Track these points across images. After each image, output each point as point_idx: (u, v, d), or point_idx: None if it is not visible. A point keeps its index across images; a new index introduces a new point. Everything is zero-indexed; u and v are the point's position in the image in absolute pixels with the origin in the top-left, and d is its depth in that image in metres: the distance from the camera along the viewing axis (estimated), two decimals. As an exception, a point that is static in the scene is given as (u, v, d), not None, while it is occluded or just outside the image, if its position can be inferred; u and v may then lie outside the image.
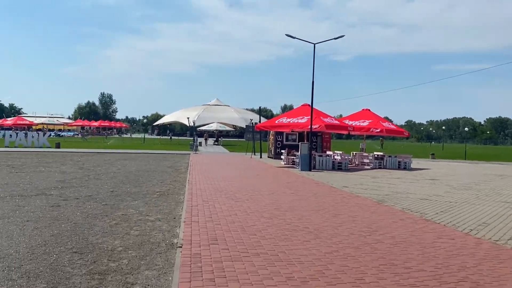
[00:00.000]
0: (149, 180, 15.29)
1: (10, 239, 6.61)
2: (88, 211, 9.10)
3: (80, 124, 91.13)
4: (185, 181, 15.16)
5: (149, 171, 18.69)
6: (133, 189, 12.79)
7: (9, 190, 11.84)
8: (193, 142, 39.61)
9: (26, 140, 36.76)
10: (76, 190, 12.37)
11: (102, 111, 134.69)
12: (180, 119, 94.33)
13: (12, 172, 16.64)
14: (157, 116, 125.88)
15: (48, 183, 13.62)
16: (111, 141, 54.29)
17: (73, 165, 20.96)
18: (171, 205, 10.15)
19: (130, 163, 23.12)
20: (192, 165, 21.66)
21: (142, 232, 7.30)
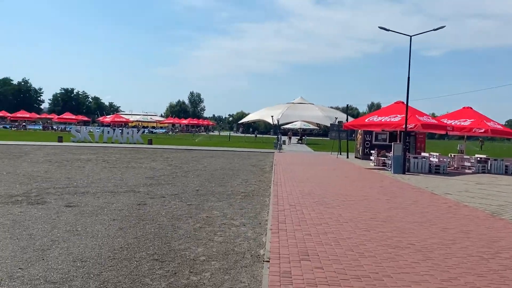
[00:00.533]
0: (234, 179, 14.95)
1: (95, 239, 6.44)
2: (173, 211, 8.83)
3: (171, 121, 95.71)
4: (270, 181, 14.59)
5: (233, 170, 18.45)
6: (218, 189, 12.47)
7: (101, 186, 12.15)
8: (277, 141, 39.19)
9: (122, 136, 38.99)
10: (163, 187, 12.35)
11: (191, 109, 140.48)
12: (264, 117, 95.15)
13: (106, 168, 17.36)
14: (242, 114, 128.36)
15: (138, 180, 13.85)
16: (199, 138, 55.99)
17: (162, 161, 21.50)
18: (256, 208, 9.56)
19: (215, 160, 23.21)
20: (277, 164, 21.09)
21: (226, 239, 6.75)
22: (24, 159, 19.59)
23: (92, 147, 30.43)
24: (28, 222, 7.36)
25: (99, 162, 19.79)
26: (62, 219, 7.71)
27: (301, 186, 13.11)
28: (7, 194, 10.15)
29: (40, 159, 19.92)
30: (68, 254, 5.65)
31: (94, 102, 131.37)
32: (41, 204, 9.08)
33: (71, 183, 12.43)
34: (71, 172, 15.32)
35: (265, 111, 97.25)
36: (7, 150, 24.15)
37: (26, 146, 28.37)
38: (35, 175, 13.88)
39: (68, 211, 8.50)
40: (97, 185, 12.36)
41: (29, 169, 15.64)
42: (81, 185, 12.23)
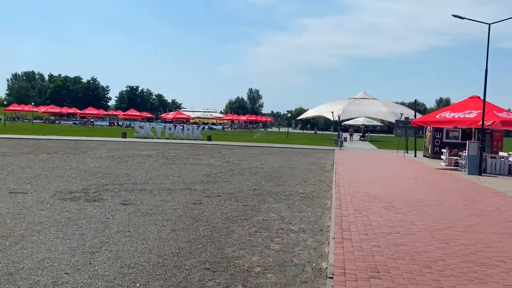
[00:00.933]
0: (292, 178, 14.30)
1: (146, 242, 6.09)
2: (228, 212, 8.36)
3: (229, 118, 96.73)
4: (331, 181, 13.77)
5: (292, 168, 17.80)
6: (275, 188, 11.89)
7: (158, 183, 12.02)
8: (338, 137, 37.95)
9: (183, 132, 39.67)
10: (220, 186, 11.99)
11: (249, 106, 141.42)
12: (324, 113, 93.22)
13: (166, 164, 17.40)
14: (301, 110, 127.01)
15: (195, 177, 13.63)
16: (256, 135, 55.83)
17: (220, 158, 21.33)
18: (316, 212, 8.86)
19: (273, 158, 22.68)
20: (338, 163, 20.13)
21: (284, 247, 6.14)
22: (89, 154, 20.22)
23: (153, 143, 31.11)
24: (82, 221, 7.21)
25: (159, 158, 19.97)
26: (116, 218, 7.50)
27: (366, 187, 12.18)
28: (67, 190, 10.23)
29: (103, 154, 20.48)
30: (116, 258, 5.32)
31: (157, 99, 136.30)
32: (97, 202, 9.00)
33: (130, 180, 12.43)
34: (131, 168, 15.45)
35: (325, 107, 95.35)
36: (74, 146, 25.21)
37: (92, 142, 29.54)
38: (96, 171, 14.11)
39: (123, 209, 8.32)
40: (154, 181, 12.25)
41: (91, 164, 16.00)
42: (139, 181, 12.19)
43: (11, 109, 79.99)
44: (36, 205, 8.35)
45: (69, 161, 16.88)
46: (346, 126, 73.33)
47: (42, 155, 19.01)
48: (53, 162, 16.25)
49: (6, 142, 25.95)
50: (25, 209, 7.91)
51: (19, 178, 11.76)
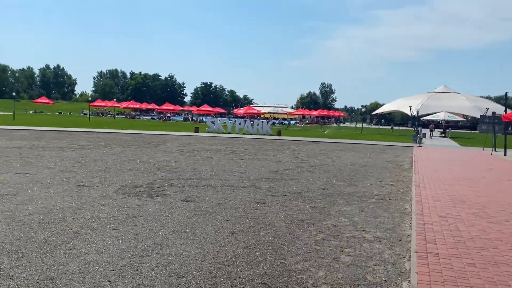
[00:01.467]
0: (366, 178, 13.21)
1: (200, 246, 5.58)
2: (293, 215, 7.64)
3: (300, 113, 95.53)
4: (410, 181, 12.49)
5: (366, 166, 16.60)
6: (347, 189, 10.93)
7: (223, 179, 11.60)
8: (417, 133, 35.51)
9: (252, 127, 39.53)
10: (286, 184, 11.29)
11: (321, 100, 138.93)
12: (401, 107, 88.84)
13: (233, 159, 17.07)
14: (376, 105, 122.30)
15: (261, 173, 13.06)
16: (328, 130, 54.30)
17: (289, 154, 20.63)
18: (394, 218, 7.83)
19: (345, 154, 21.51)
20: (417, 161, 18.52)
21: (356, 260, 5.30)
22: (160, 148, 20.53)
23: (223, 138, 31.21)
24: (140, 219, 6.90)
25: (227, 153, 19.74)
26: (175, 217, 7.11)
27: (451, 189, 10.80)
28: (133, 184, 10.14)
29: (174, 148, 20.69)
30: (166, 265, 4.84)
31: (230, 95, 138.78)
32: (160, 197, 8.73)
33: (195, 175, 12.17)
34: (198, 162, 15.29)
35: (402, 101, 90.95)
36: (149, 139, 25.92)
37: (166, 136, 30.27)
38: (164, 165, 14.08)
39: (183, 206, 7.94)
40: (219, 177, 11.87)
41: (161, 158, 16.09)
42: (204, 176, 11.87)
43: (95, 105, 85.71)
44: (99, 199, 8.25)
45: (141, 154, 17.15)
46: (425, 122, 69.06)
47: (117, 148, 19.60)
48: (125, 155, 16.60)
49: (87, 135, 27.39)
50: (87, 204, 7.80)
51: (90, 171, 11.97)
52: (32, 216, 6.69)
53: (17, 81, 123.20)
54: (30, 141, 21.37)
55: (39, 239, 5.54)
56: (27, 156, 14.98)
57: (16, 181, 9.87)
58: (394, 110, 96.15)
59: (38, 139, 22.43)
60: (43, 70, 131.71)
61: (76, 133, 29.65)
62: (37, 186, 9.37)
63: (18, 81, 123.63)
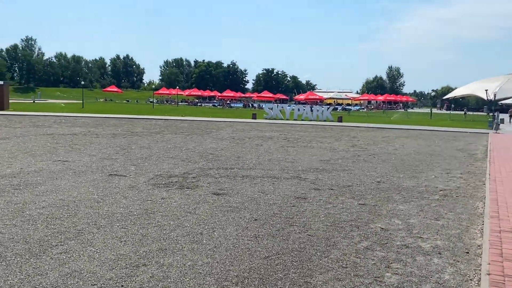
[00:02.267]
0: (431, 169, 11.59)
1: (211, 254, 4.66)
2: (336, 214, 6.50)
3: (365, 98, 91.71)
4: (483, 174, 10.73)
5: (432, 155, 14.82)
6: (407, 182, 9.50)
7: (267, 169, 10.63)
8: (493, 119, 32.12)
9: (312, 113, 38.09)
10: (336, 175, 10.08)
11: (389, 85, 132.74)
12: (476, 91, 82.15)
13: (284, 147, 16.03)
14: (448, 89, 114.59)
15: (311, 163, 11.92)
16: (395, 116, 51.24)
17: (347, 141, 19.18)
18: (461, 220, 6.41)
19: (411, 142, 19.62)
20: (493, 150, 16.32)
21: (405, 282, 4.09)
22: (212, 135, 19.97)
23: (280, 124, 30.19)
24: (158, 214, 6.14)
25: (279, 140, 18.73)
26: (197, 213, 6.27)
27: (536, 185, 8.99)
28: (167, 174, 9.49)
29: (226, 135, 20.04)
30: (161, 279, 3.98)
31: (292, 81, 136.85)
32: (190, 189, 7.96)
33: (238, 163, 11.31)
34: (245, 150, 14.44)
35: (478, 84, 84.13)
36: (204, 126, 25.55)
37: (222, 123, 29.82)
38: (209, 153, 13.38)
39: (212, 201, 7.09)
40: (263, 167, 10.91)
41: (208, 145, 15.45)
42: (246, 166, 10.98)
43: (160, 93, 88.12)
44: (124, 191, 7.63)
45: (189, 142, 16.65)
46: (503, 106, 63.15)
47: (168, 135, 19.32)
48: (174, 142, 16.17)
49: (145, 122, 27.62)
50: (110, 196, 7.20)
51: (130, 159, 11.54)
52: (43, 210, 6.17)
53: (90, 71, 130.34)
54: (88, 127, 21.78)
55: (34, 238, 4.93)
56: (76, 143, 15.00)
57: (51, 169, 9.60)
58: (468, 94, 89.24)
59: (96, 126, 22.85)
60: (113, 60, 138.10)
61: (136, 120, 30.12)
62: (69, 174, 9.00)
63: (91, 71, 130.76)
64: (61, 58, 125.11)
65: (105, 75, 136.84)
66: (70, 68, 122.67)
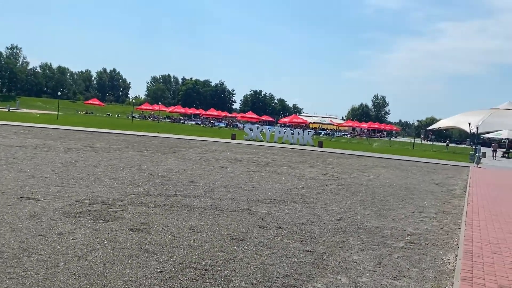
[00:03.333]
0: (403, 205, 10.35)
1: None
2: (271, 265, 5.15)
3: (349, 125, 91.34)
4: (460, 215, 9.52)
5: (408, 188, 13.64)
6: (371, 221, 8.21)
7: (216, 197, 9.27)
8: (475, 152, 31.38)
9: (293, 137, 37.02)
10: (293, 209, 8.77)
11: (374, 113, 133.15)
12: (459, 124, 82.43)
13: (249, 171, 14.71)
14: (432, 120, 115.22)
15: (270, 192, 10.60)
16: (376, 144, 50.47)
17: (321, 168, 17.96)
18: (425, 281, 5.10)
19: (387, 172, 18.49)
20: (473, 185, 15.23)
21: None
22: (178, 155, 18.57)
23: (258, 146, 28.93)
24: (33, 258, 4.71)
25: (249, 163, 17.42)
26: (88, 259, 4.88)
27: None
28: (92, 200, 8.05)
29: (193, 155, 18.66)
30: None
31: (279, 104, 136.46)
32: (106, 222, 6.56)
33: (186, 189, 9.93)
34: (204, 173, 13.08)
35: (461, 117, 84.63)
36: (176, 144, 24.13)
37: (197, 142, 28.44)
38: (160, 175, 11.99)
39: (122, 239, 5.70)
40: (214, 195, 9.55)
41: (166, 166, 14.05)
42: (195, 193, 9.61)
43: (142, 108, 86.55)
44: (20, 220, 6.19)
45: (147, 161, 15.23)
46: (486, 140, 63.06)
47: (129, 152, 17.88)
48: (129, 161, 14.74)
49: (114, 137, 26.08)
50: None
51: (62, 178, 10.08)
52: None
53: (75, 83, 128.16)
54: (47, 140, 20.22)
55: None
56: (17, 156, 13.47)
57: (-46, 187, 8.11)
58: (451, 126, 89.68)
59: (57, 139, 21.29)
60: (99, 73, 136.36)
61: (106, 134, 28.56)
62: (-30, 195, 7.51)
63: (76, 83, 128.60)
64: (46, 68, 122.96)
65: (90, 87, 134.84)
66: (54, 78, 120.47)
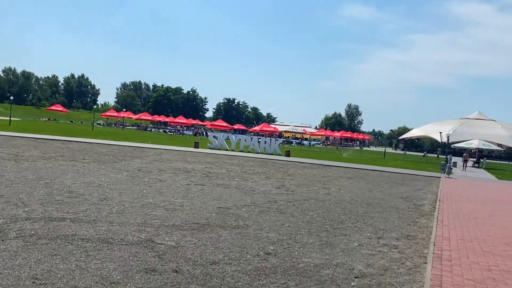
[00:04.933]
0: (359, 228, 8.47)
1: None
2: None
3: (322, 133, 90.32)
4: (427, 241, 7.70)
5: (369, 204, 11.85)
6: (311, 255, 6.26)
7: (118, 222, 7.18)
8: (446, 162, 30.16)
9: (259, 145, 35.11)
10: (215, 237, 6.77)
11: (347, 122, 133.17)
12: (431, 133, 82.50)
13: (190, 184, 12.65)
14: (405, 130, 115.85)
15: (199, 212, 8.57)
16: (347, 153, 49.15)
17: (278, 180, 16.05)
18: None
19: (351, 184, 16.73)
20: (444, 199, 13.59)
21: None
22: (117, 164, 16.30)
23: (218, 155, 26.84)
24: None
25: (196, 174, 15.32)
26: None
27: (503, 264, 5.95)
28: None
29: (135, 166, 16.42)
30: None
31: (252, 112, 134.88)
32: None
33: (86, 211, 7.80)
34: (130, 188, 10.93)
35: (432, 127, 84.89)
36: (124, 153, 21.79)
37: (150, 150, 26.13)
38: (72, 190, 9.79)
39: None
40: (118, 218, 7.46)
41: (88, 179, 11.85)
42: (93, 216, 7.49)
43: (108, 115, 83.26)
44: None
45: (70, 172, 12.97)
46: (456, 149, 62.80)
47: (60, 161, 15.53)
48: (47, 172, 12.46)
49: (60, 145, 23.46)
50: None
51: None
52: None
53: (40, 89, 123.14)
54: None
55: None
56: None
57: None
58: (423, 135, 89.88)
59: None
60: (67, 79, 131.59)
61: (50, 141, 25.87)
62: None
63: (42, 89, 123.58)
64: (9, 72, 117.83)
65: (57, 93, 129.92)
66: (18, 84, 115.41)
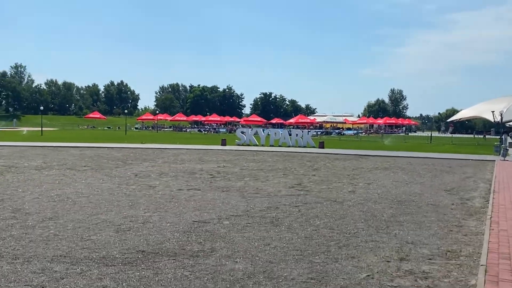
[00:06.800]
0: (378, 241, 6.14)
1: None
2: None
3: (364, 122, 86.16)
4: (476, 261, 5.26)
5: (402, 202, 9.39)
6: (335, 262, 4.06)
7: (39, 253, 5.32)
8: (500, 143, 26.59)
9: (290, 138, 32.84)
10: (142, 278, 4.71)
11: (391, 108, 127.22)
12: (482, 113, 76.31)
13: (184, 189, 10.73)
14: (453, 112, 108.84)
15: (165, 230, 6.59)
16: (388, 140, 45.68)
17: (299, 176, 13.89)
18: None
19: (385, 177, 14.20)
20: (499, 191, 10.84)
21: None
22: (115, 171, 14.69)
23: (244, 152, 24.88)
24: None
25: (202, 176, 13.40)
26: None
27: None
28: None
29: (136, 170, 14.75)
30: None
31: (291, 105, 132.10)
32: None
33: (3, 238, 5.99)
34: (101, 200, 9.14)
35: (483, 106, 78.53)
36: (135, 156, 20.32)
37: (171, 151, 24.57)
38: (17, 207, 8.12)
39: None
40: (27, 251, 5.60)
41: (61, 191, 10.22)
42: (7, 246, 5.65)
43: (143, 119, 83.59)
44: None
45: (48, 183, 11.45)
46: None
47: (54, 171, 14.18)
48: (22, 185, 10.99)
49: (76, 152, 22.36)
50: None
51: None
52: None
53: (82, 98, 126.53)
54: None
55: None
56: None
57: None
58: (473, 116, 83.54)
59: None
60: (107, 87, 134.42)
61: (68, 149, 24.84)
62: None
63: (83, 98, 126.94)
64: (51, 85, 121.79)
65: (98, 101, 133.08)
66: (60, 95, 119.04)
